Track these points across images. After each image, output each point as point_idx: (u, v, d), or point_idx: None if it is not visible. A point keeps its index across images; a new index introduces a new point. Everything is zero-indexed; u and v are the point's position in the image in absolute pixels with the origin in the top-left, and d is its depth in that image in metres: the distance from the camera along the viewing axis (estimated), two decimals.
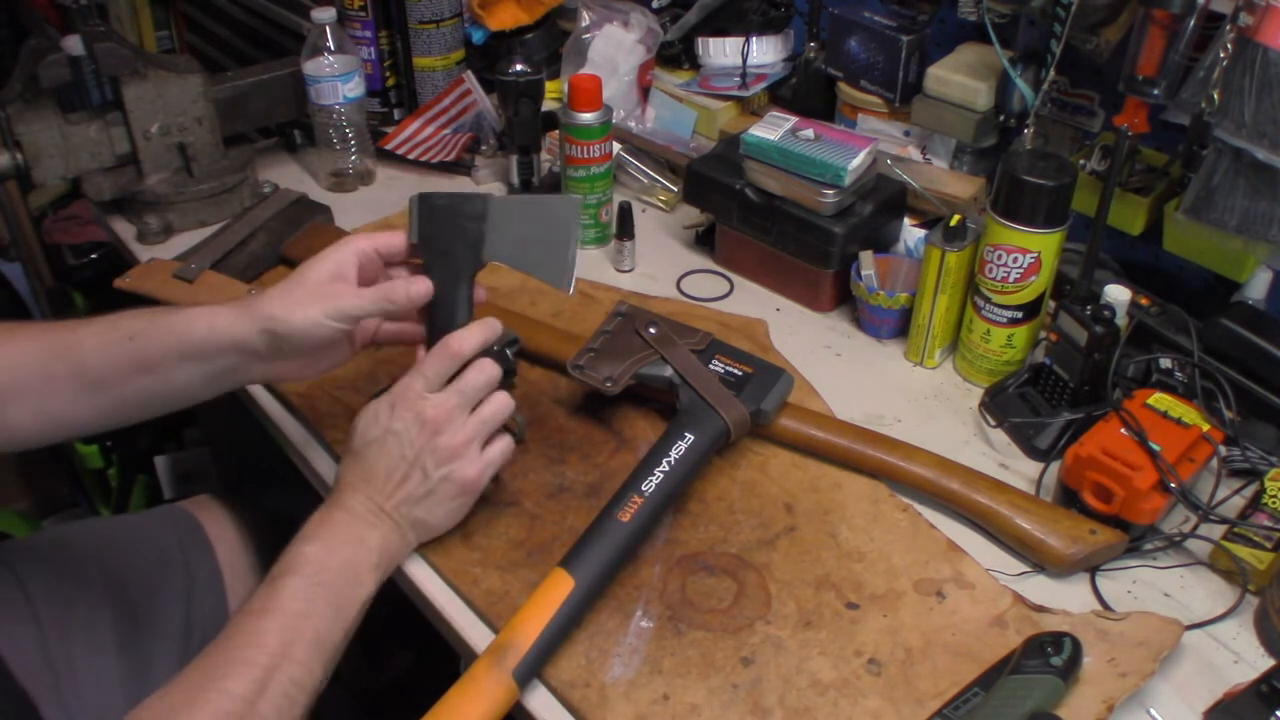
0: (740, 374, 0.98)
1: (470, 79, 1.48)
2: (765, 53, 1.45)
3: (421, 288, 0.87)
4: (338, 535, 0.82)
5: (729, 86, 1.45)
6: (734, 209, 1.20)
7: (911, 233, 1.19)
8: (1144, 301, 1.04)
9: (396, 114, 1.55)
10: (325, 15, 1.33)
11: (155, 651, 1.02)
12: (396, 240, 0.90)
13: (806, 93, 1.41)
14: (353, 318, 0.85)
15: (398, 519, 0.85)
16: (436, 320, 0.89)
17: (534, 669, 0.78)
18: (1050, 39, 1.05)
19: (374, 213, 1.35)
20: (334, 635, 0.79)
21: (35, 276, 2.36)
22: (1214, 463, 0.93)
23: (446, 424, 0.84)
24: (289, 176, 1.43)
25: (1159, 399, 0.93)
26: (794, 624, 0.84)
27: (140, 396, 0.86)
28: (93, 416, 0.87)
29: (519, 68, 1.33)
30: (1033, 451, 1.01)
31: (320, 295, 0.84)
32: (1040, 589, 0.88)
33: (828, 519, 0.94)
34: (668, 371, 0.98)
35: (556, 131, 1.39)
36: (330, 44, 1.34)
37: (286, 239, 1.26)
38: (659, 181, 1.39)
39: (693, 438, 0.91)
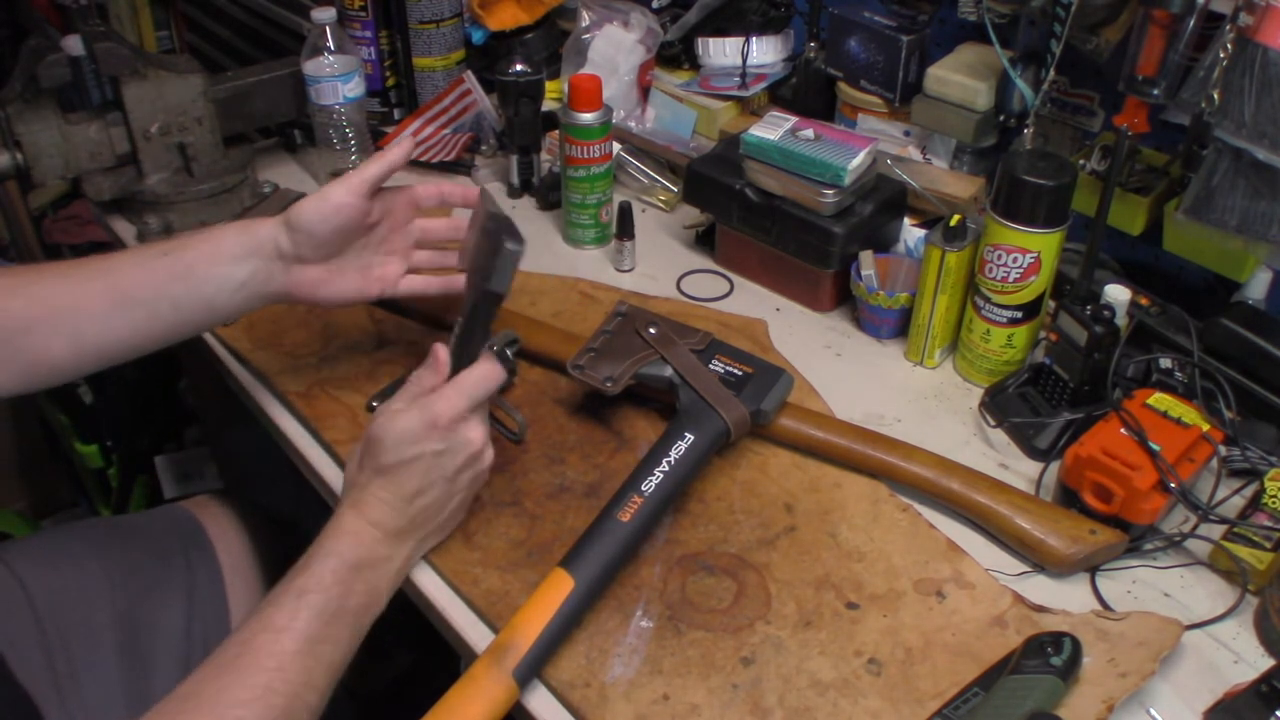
0: (740, 374, 0.98)
1: (470, 79, 1.48)
2: (765, 53, 1.45)
3: (406, 147, 0.94)
4: (366, 555, 0.80)
5: (729, 86, 1.45)
6: (734, 209, 1.20)
7: (911, 233, 1.19)
8: (1144, 301, 1.04)
9: (396, 114, 1.55)
10: (325, 15, 1.33)
11: (156, 651, 1.02)
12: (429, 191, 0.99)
13: (806, 93, 1.41)
14: (356, 185, 0.90)
15: (420, 536, 0.85)
16: (473, 335, 0.87)
17: (534, 669, 0.78)
18: (1050, 39, 1.05)
19: None
20: (347, 658, 0.79)
21: None
22: (1214, 463, 0.93)
23: (485, 447, 0.85)
24: (289, 176, 1.43)
25: (1159, 399, 0.93)
26: (794, 624, 0.84)
27: (174, 309, 0.88)
28: (126, 336, 0.88)
29: (519, 68, 1.33)
30: (1033, 451, 1.01)
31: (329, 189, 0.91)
32: (1040, 589, 0.88)
33: (828, 519, 0.94)
34: (668, 371, 0.98)
35: (556, 131, 1.39)
36: (330, 44, 1.34)
37: None
38: (659, 181, 1.39)
39: (693, 438, 0.92)
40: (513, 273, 0.84)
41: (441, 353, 0.86)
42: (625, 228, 1.24)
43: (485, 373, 0.84)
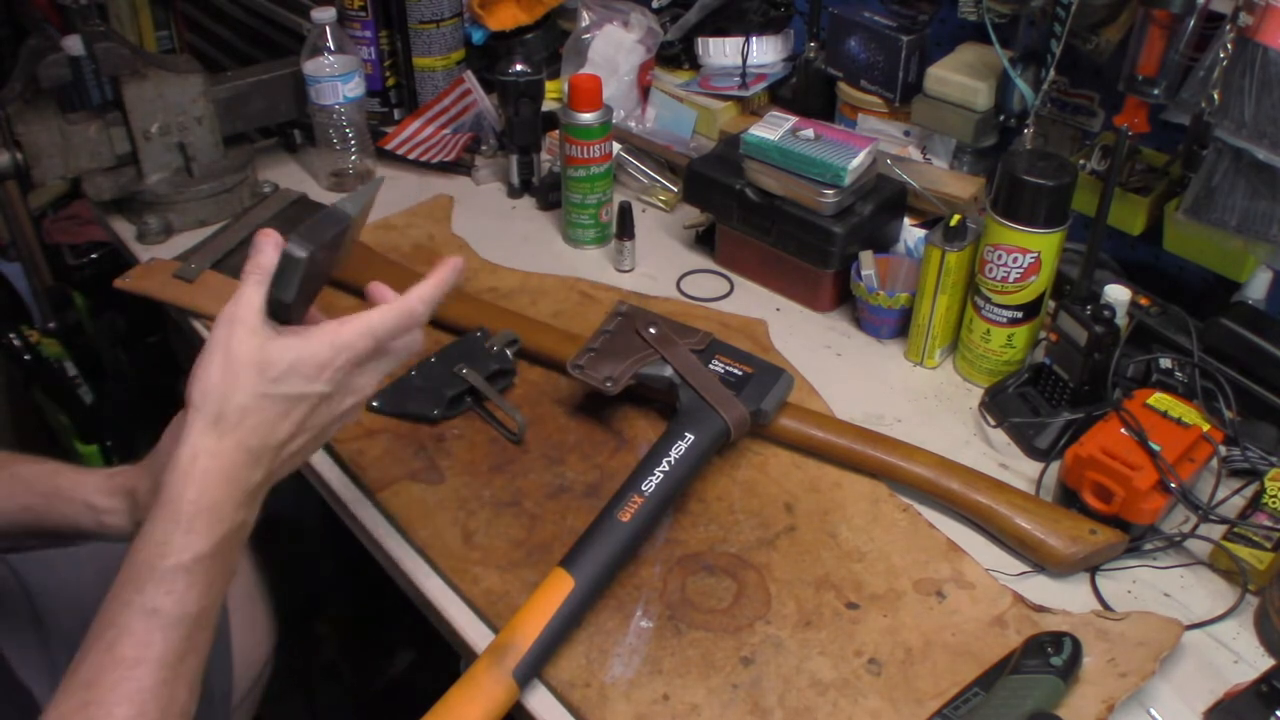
0: (740, 374, 0.98)
1: (470, 79, 1.48)
2: (765, 53, 1.45)
3: None
4: (227, 531, 0.66)
5: (729, 86, 1.45)
6: (734, 209, 1.20)
7: (911, 233, 1.19)
8: (1144, 301, 1.04)
9: (396, 114, 1.55)
10: (325, 15, 1.33)
11: None
12: None
13: (806, 93, 1.41)
14: None
15: (277, 477, 0.72)
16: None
17: (534, 669, 0.78)
18: (1050, 39, 1.05)
19: (374, 213, 1.34)
20: (210, 643, 0.66)
21: (35, 276, 2.37)
22: (1214, 463, 0.93)
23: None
24: (289, 176, 1.43)
25: (1159, 399, 0.93)
26: (794, 624, 0.84)
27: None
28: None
29: (519, 68, 1.33)
30: (1033, 451, 1.01)
31: None
32: (1040, 589, 0.88)
33: (828, 519, 0.94)
34: (668, 371, 0.98)
35: (556, 131, 1.39)
36: (330, 44, 1.34)
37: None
38: (659, 181, 1.39)
39: (693, 438, 0.91)
40: (293, 278, 0.71)
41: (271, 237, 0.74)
42: (625, 228, 1.24)
43: (396, 311, 0.72)
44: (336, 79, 1.34)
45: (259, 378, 0.67)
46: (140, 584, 0.63)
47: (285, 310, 0.71)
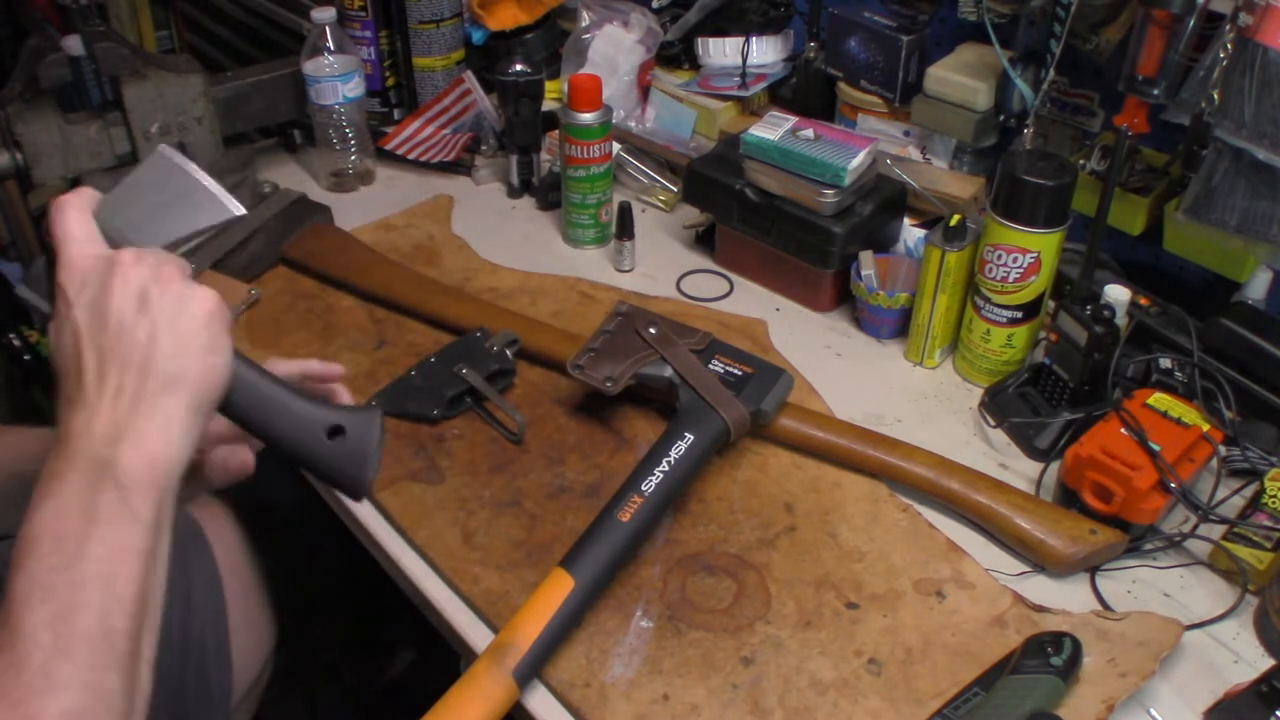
0: (740, 374, 0.98)
1: (470, 79, 1.48)
2: (765, 53, 1.45)
3: None
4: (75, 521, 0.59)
5: (729, 86, 1.45)
6: (734, 209, 1.20)
7: (911, 233, 1.19)
8: (1144, 301, 1.04)
9: (396, 114, 1.55)
10: (325, 15, 1.33)
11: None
12: None
13: (806, 93, 1.41)
14: None
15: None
16: None
17: (534, 669, 0.78)
18: (1050, 39, 1.05)
19: (373, 213, 1.35)
20: (120, 613, 0.59)
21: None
22: (1214, 463, 0.93)
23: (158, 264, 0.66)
24: (289, 176, 1.43)
25: (1159, 399, 0.93)
26: (794, 624, 0.84)
27: None
28: None
29: (519, 68, 1.33)
30: (1033, 451, 1.01)
31: None
32: (1040, 589, 0.88)
33: (828, 519, 0.94)
34: (668, 371, 0.98)
35: (556, 131, 1.39)
36: (330, 44, 1.34)
37: (286, 239, 1.26)
38: (659, 181, 1.39)
39: (693, 438, 0.91)
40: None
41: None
42: (625, 228, 1.24)
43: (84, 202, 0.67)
44: (336, 79, 1.34)
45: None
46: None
47: None
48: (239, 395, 0.68)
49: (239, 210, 0.72)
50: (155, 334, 0.63)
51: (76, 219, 0.67)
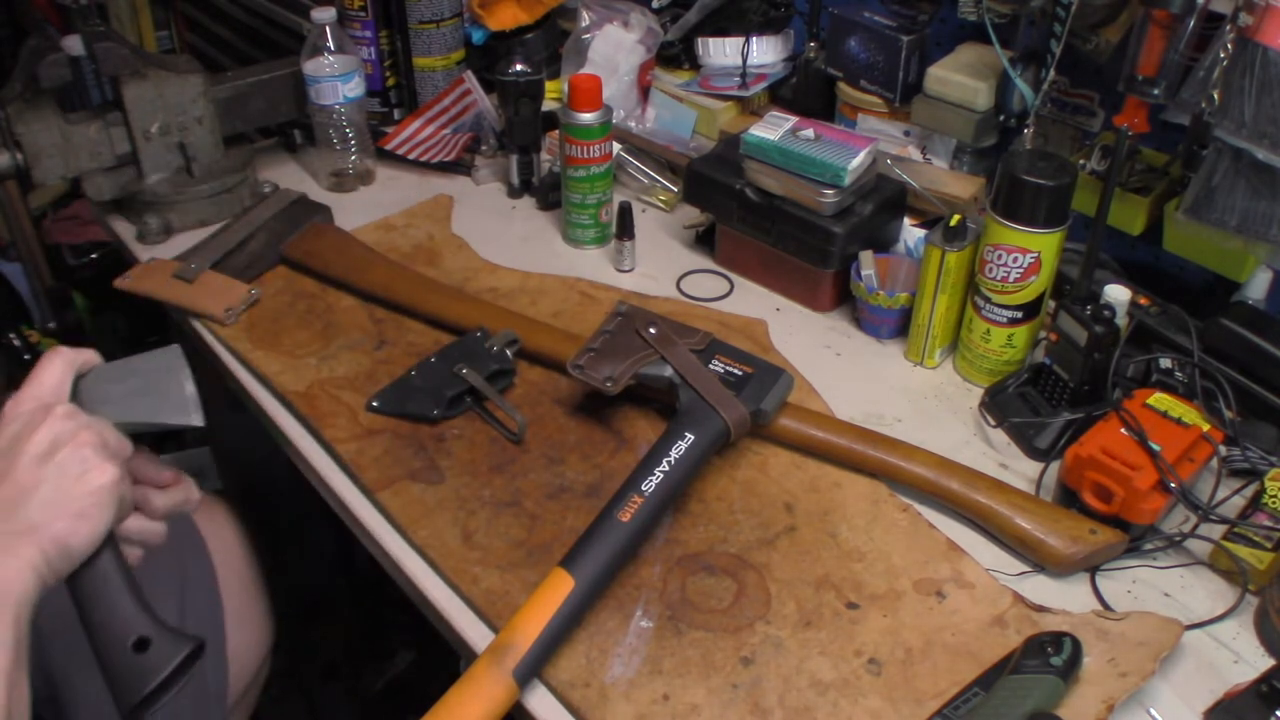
0: (740, 374, 0.98)
1: (470, 79, 1.48)
2: (765, 53, 1.45)
3: None
4: None
5: (729, 86, 1.45)
6: (734, 209, 1.20)
7: (911, 233, 1.19)
8: (1144, 301, 1.04)
9: (396, 114, 1.55)
10: (325, 15, 1.33)
11: None
12: None
13: (806, 93, 1.41)
14: None
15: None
16: None
17: (534, 669, 0.78)
18: (1050, 39, 1.05)
19: (373, 213, 1.35)
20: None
21: (35, 276, 2.37)
22: (1214, 463, 0.93)
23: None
24: (289, 176, 1.43)
25: (1159, 399, 0.93)
26: (794, 624, 0.84)
27: None
28: None
29: (519, 68, 1.33)
30: (1033, 451, 1.01)
31: None
32: (1040, 589, 0.88)
33: (828, 519, 0.94)
34: (668, 371, 0.98)
35: (556, 131, 1.39)
36: (330, 44, 1.34)
37: (286, 239, 1.26)
38: (659, 181, 1.39)
39: (693, 438, 0.91)
40: None
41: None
42: (625, 228, 1.24)
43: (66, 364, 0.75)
44: (336, 79, 1.34)
45: None
46: None
47: None
48: (84, 577, 0.71)
49: (199, 422, 0.80)
50: (41, 482, 0.68)
51: (55, 371, 0.75)
